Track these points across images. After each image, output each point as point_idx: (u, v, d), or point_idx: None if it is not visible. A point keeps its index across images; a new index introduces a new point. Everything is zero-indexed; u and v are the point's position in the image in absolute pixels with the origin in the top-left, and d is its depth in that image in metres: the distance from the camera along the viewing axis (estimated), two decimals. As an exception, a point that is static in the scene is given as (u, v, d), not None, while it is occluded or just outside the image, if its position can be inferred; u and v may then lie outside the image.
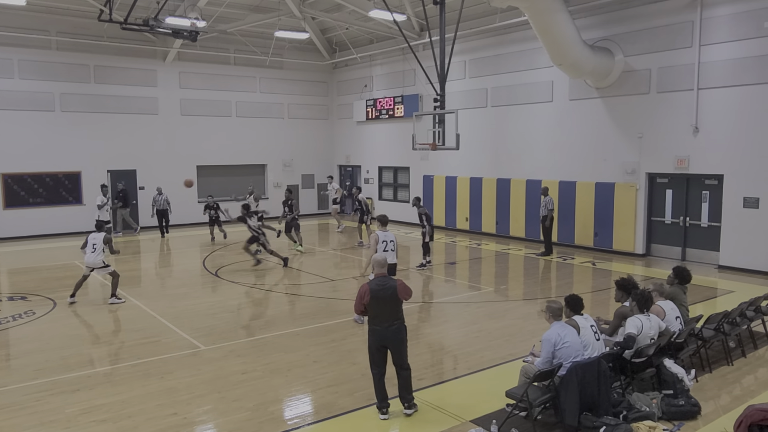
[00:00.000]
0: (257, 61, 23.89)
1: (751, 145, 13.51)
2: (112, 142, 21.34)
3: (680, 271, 8.21)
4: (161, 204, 19.90)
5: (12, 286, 13.35)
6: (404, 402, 6.51)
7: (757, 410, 4.94)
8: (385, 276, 6.55)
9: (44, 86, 20.00)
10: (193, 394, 7.10)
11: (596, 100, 16.49)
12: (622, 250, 16.08)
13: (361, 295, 6.39)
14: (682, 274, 8.15)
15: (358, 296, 6.43)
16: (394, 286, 6.40)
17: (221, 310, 10.89)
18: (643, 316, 6.73)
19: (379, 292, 6.31)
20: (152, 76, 22.09)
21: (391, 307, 6.36)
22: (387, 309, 6.34)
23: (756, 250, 13.58)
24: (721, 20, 13.82)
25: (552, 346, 6.04)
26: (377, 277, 6.51)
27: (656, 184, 15.65)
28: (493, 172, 19.52)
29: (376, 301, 6.31)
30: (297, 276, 13.89)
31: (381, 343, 6.38)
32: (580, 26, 15.51)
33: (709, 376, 7.57)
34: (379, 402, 6.46)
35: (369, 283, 6.43)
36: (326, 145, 26.89)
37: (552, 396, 6.03)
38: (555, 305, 6.28)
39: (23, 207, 20.03)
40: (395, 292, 6.36)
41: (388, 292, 6.34)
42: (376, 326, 6.37)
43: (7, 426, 6.31)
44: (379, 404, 6.46)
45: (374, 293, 6.31)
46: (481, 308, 10.99)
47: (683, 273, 8.15)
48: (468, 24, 18.74)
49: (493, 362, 8.13)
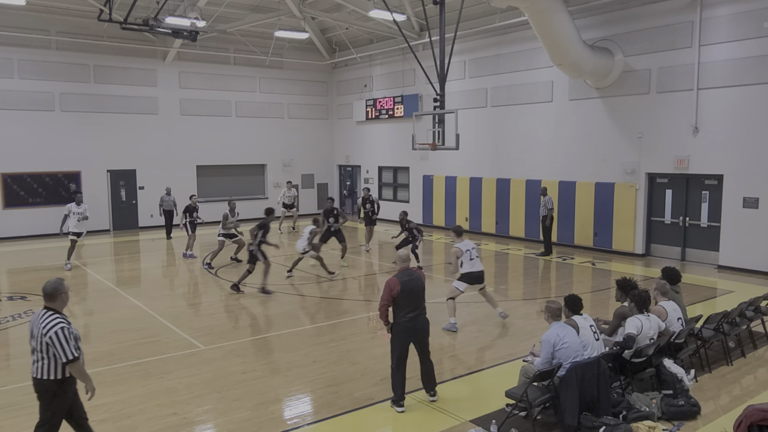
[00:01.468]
0: (257, 61, 23.89)
1: (751, 145, 13.52)
2: (112, 142, 21.34)
3: (668, 271, 8.07)
4: (168, 205, 19.58)
5: (12, 285, 13.35)
6: (429, 390, 6.80)
7: (757, 410, 4.94)
8: (410, 269, 6.74)
9: (44, 86, 20.00)
10: (192, 393, 7.10)
11: (596, 100, 16.50)
12: (621, 250, 16.08)
13: (390, 287, 6.47)
14: (670, 275, 8.01)
15: (386, 290, 6.52)
16: (420, 276, 6.67)
17: (221, 310, 10.89)
18: (642, 316, 6.73)
19: (409, 284, 6.50)
20: (152, 75, 22.09)
21: (420, 297, 6.59)
22: (416, 300, 6.55)
23: (755, 250, 13.58)
24: (720, 20, 13.82)
25: (551, 347, 6.04)
26: (401, 270, 6.66)
27: (656, 184, 15.65)
28: (493, 172, 19.52)
29: (406, 293, 6.47)
30: (297, 276, 13.88)
31: (411, 337, 6.57)
32: (580, 26, 15.51)
33: (708, 376, 7.57)
34: (399, 396, 6.60)
35: (397, 276, 6.57)
36: (326, 145, 26.89)
37: (552, 396, 6.03)
38: (554, 305, 6.28)
39: (23, 207, 20.03)
40: (423, 282, 6.63)
41: (418, 284, 6.58)
42: (404, 319, 6.52)
43: (6, 426, 6.31)
44: (398, 398, 6.60)
45: (404, 285, 6.47)
46: (481, 308, 11.00)
47: (671, 273, 8.02)
48: (468, 24, 18.74)
49: (492, 362, 8.14)
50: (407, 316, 6.50)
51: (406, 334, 6.54)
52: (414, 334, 6.57)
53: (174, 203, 19.76)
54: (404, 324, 6.51)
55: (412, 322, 6.52)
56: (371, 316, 10.57)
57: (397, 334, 6.56)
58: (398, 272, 6.67)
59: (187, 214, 16.57)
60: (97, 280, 13.60)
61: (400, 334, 6.55)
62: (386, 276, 13.96)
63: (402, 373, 6.58)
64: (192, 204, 16.72)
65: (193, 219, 16.60)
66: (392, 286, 6.47)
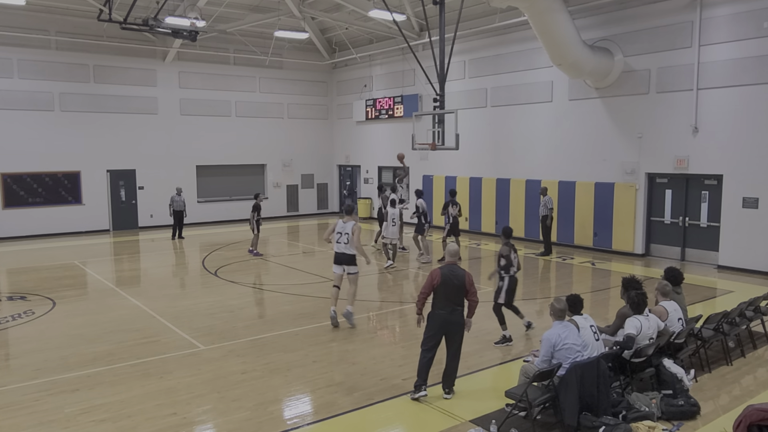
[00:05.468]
0: (257, 60, 23.88)
1: (751, 145, 13.52)
2: (112, 141, 21.34)
3: (671, 272, 8.00)
4: (178, 205, 19.48)
5: (11, 285, 13.34)
6: (446, 387, 6.95)
7: (756, 410, 4.94)
8: (455, 264, 6.95)
9: (44, 86, 20.00)
10: (192, 393, 7.09)
11: (596, 100, 16.50)
12: (621, 250, 16.08)
13: (432, 277, 6.76)
14: (673, 275, 7.93)
15: (428, 280, 6.79)
16: (463, 274, 6.83)
17: (220, 310, 10.89)
18: (642, 316, 6.73)
19: (450, 277, 6.73)
20: (152, 75, 22.08)
21: (458, 293, 6.77)
22: (453, 294, 6.75)
23: (755, 250, 13.58)
24: (720, 20, 13.82)
25: (551, 347, 6.04)
26: (447, 264, 6.90)
27: (656, 184, 15.65)
28: (493, 172, 19.52)
29: (445, 285, 6.70)
30: (297, 276, 13.88)
31: (442, 329, 6.78)
32: (580, 26, 15.51)
33: (708, 376, 7.57)
34: (420, 380, 6.76)
35: (441, 269, 6.80)
36: (326, 145, 26.88)
37: (551, 396, 6.04)
38: (559, 305, 6.29)
39: (22, 207, 20.02)
40: (464, 280, 6.79)
41: (458, 280, 6.76)
42: (440, 310, 6.75)
43: (6, 426, 6.30)
44: (419, 383, 6.76)
45: (445, 278, 6.72)
46: (481, 308, 10.96)
47: (674, 274, 7.95)
48: (467, 24, 18.74)
49: (492, 362, 8.14)
50: (444, 308, 6.74)
51: (441, 324, 6.77)
52: (446, 325, 6.78)
53: (184, 203, 19.67)
54: (440, 315, 6.75)
55: (448, 315, 6.74)
56: (370, 316, 10.58)
57: (432, 324, 6.81)
58: (443, 265, 6.91)
59: (255, 213, 16.46)
60: (97, 280, 13.60)
61: (435, 325, 6.79)
62: (388, 276, 13.96)
63: (427, 361, 6.79)
64: (258, 203, 16.60)
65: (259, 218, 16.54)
66: (434, 276, 6.74)
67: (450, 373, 6.95)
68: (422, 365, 6.81)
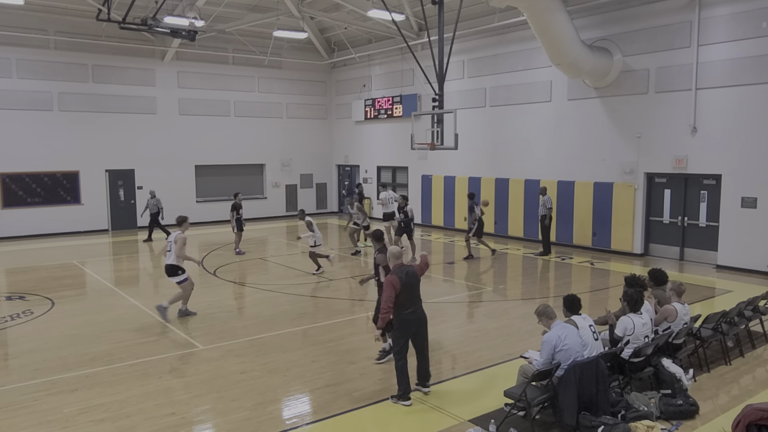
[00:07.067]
0: (256, 60, 23.87)
1: (750, 145, 13.53)
2: (111, 141, 21.32)
3: (654, 273, 8.02)
4: (153, 208, 19.19)
5: (10, 285, 13.32)
6: (425, 383, 7.02)
7: (755, 410, 4.94)
8: (403, 264, 6.95)
9: (42, 86, 19.98)
10: (191, 393, 7.09)
11: (595, 100, 16.51)
12: (620, 250, 16.09)
13: (392, 286, 6.62)
14: (656, 276, 7.96)
15: (388, 289, 6.63)
16: (414, 270, 6.93)
17: (219, 310, 10.89)
18: (635, 315, 6.74)
19: (407, 278, 6.74)
20: (150, 75, 22.07)
21: (417, 289, 6.89)
22: (415, 293, 6.84)
23: (754, 250, 13.59)
24: (719, 20, 13.83)
25: (552, 349, 6.03)
26: (396, 267, 6.86)
27: (654, 184, 15.66)
28: (492, 171, 19.53)
29: (405, 287, 6.69)
30: (295, 276, 13.88)
31: (413, 328, 6.81)
32: (579, 26, 15.52)
33: (707, 375, 7.58)
34: (405, 391, 6.76)
35: (395, 273, 6.74)
36: (325, 144, 26.88)
37: (550, 395, 6.04)
38: (547, 309, 6.30)
39: (21, 207, 20.00)
40: (418, 276, 6.89)
41: (414, 278, 6.83)
42: (407, 313, 6.76)
43: (5, 426, 6.30)
44: (405, 393, 6.76)
45: (404, 280, 6.70)
46: (480, 308, 11.00)
47: (657, 275, 7.97)
48: (466, 24, 18.74)
49: (491, 362, 8.13)
50: (410, 309, 6.76)
51: (410, 326, 6.80)
52: (418, 324, 6.84)
53: (159, 206, 19.19)
54: (407, 316, 6.76)
55: (413, 315, 6.79)
56: (369, 315, 10.57)
57: (401, 328, 6.79)
58: (395, 269, 6.82)
59: (235, 212, 16.74)
60: (96, 280, 13.59)
61: (404, 328, 6.79)
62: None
63: (406, 368, 6.78)
64: (237, 202, 16.85)
65: (240, 216, 16.78)
66: (394, 284, 6.65)
67: (426, 367, 7.03)
68: (404, 372, 6.74)
